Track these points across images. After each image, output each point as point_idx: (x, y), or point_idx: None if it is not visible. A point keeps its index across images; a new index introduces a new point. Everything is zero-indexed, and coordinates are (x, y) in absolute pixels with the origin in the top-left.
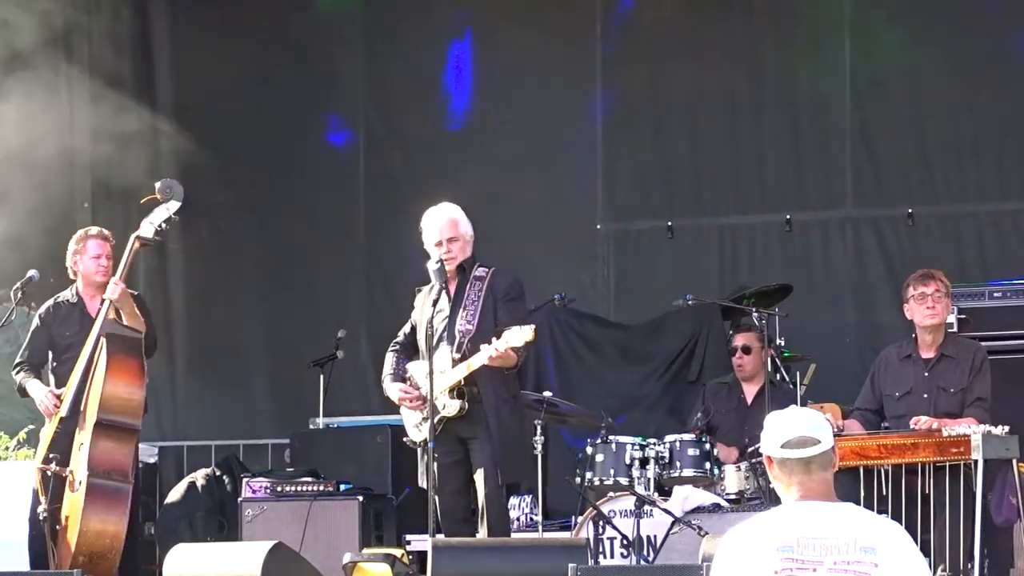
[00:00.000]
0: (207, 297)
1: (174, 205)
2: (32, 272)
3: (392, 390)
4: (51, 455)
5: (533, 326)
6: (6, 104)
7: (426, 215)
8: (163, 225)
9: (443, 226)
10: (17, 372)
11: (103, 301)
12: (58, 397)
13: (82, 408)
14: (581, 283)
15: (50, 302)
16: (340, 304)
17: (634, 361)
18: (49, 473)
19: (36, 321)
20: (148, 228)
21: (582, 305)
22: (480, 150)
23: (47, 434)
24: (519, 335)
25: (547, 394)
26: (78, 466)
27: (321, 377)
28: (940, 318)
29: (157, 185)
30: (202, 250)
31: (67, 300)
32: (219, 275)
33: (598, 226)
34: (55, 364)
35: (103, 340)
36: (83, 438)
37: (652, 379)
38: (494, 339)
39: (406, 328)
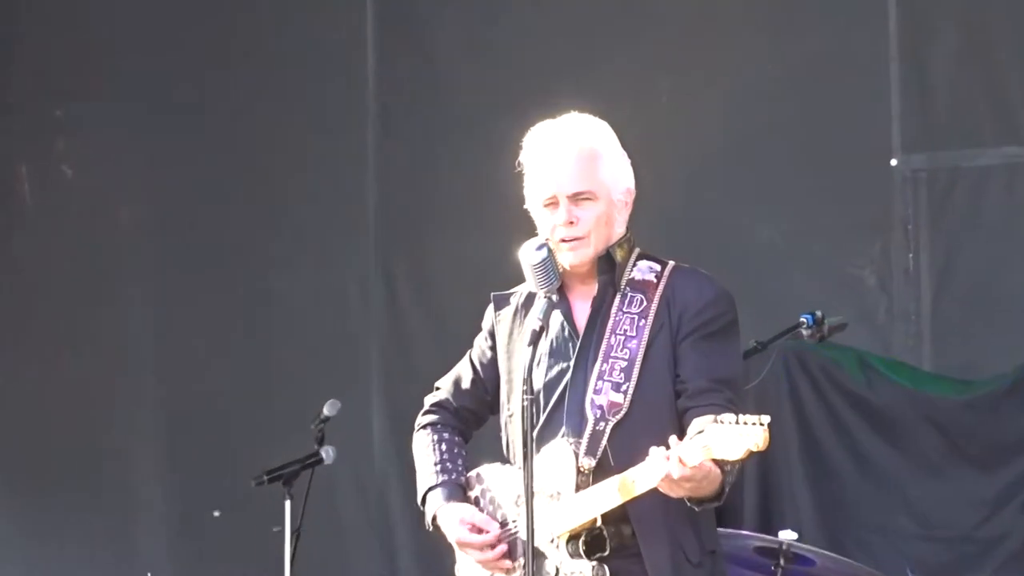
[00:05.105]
0: None
1: None
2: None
3: (449, 520)
4: None
5: (767, 419)
6: None
7: (530, 137)
8: None
9: (565, 166)
10: None
11: None
12: None
13: None
14: (859, 293)
15: None
16: None
17: (976, 459)
18: None
19: None
20: None
21: (859, 336)
22: None
23: None
24: (736, 440)
25: (788, 535)
26: None
27: None
28: None
29: None
30: None
31: None
32: None
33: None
34: None
35: None
36: None
37: (1016, 501)
38: (673, 438)
39: (461, 374)
